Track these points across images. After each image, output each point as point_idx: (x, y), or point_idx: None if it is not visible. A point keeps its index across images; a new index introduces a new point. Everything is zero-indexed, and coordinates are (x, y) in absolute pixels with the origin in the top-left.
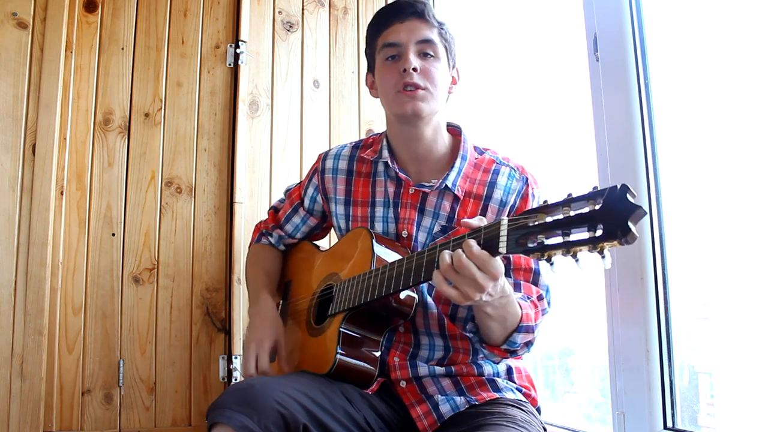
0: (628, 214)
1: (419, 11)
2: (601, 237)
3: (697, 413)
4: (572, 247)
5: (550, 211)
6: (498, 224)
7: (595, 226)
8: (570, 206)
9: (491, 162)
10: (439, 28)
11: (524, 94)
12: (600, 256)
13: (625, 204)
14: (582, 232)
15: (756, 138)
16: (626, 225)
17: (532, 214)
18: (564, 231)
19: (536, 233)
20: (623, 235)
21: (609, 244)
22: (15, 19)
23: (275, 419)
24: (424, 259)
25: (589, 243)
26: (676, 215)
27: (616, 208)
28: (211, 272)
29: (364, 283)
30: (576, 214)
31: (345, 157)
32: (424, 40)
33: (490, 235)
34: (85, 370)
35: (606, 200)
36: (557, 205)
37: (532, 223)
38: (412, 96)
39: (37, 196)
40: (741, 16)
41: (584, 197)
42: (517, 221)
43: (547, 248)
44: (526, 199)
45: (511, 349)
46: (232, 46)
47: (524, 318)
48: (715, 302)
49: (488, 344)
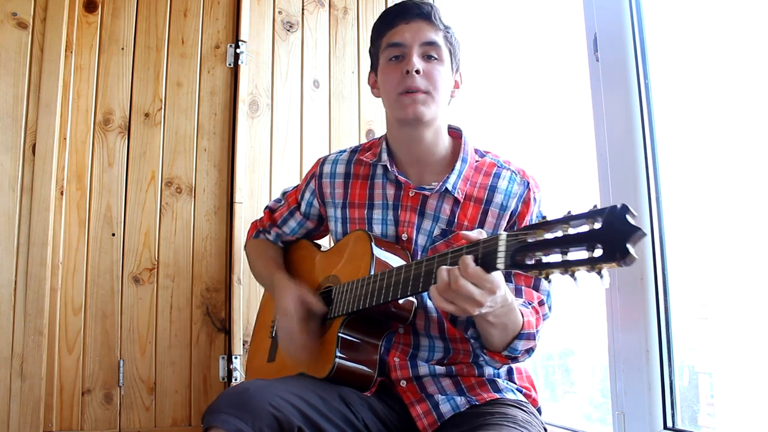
0: (628, 236)
1: (425, 13)
2: (599, 258)
3: (697, 413)
4: (570, 267)
5: (549, 228)
6: (496, 239)
7: (594, 246)
8: (569, 224)
9: (492, 165)
10: (445, 31)
11: (524, 94)
12: (598, 276)
13: (625, 225)
14: (581, 251)
15: (756, 138)
16: (625, 247)
17: (531, 230)
18: (563, 249)
19: (534, 250)
20: (622, 258)
21: (607, 265)
22: (15, 19)
23: (270, 422)
24: (423, 269)
25: (588, 264)
26: (676, 215)
27: (616, 228)
28: (211, 272)
29: (363, 289)
30: (575, 232)
31: (343, 162)
32: (429, 42)
33: (487, 250)
34: (85, 370)
35: (606, 220)
36: (556, 222)
37: (531, 239)
38: (414, 99)
39: (37, 196)
40: (741, 16)
41: (584, 215)
42: (516, 237)
43: (546, 266)
44: (528, 204)
45: (512, 356)
46: (232, 46)
47: (525, 325)
48: (715, 302)
49: (489, 350)
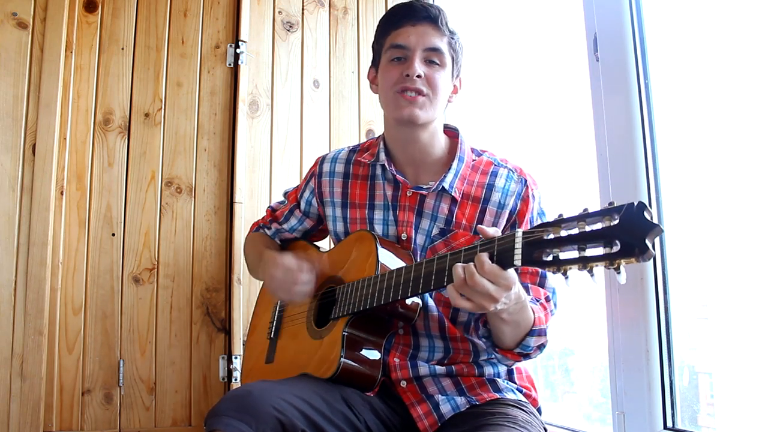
0: (646, 231)
1: (432, 17)
2: (617, 253)
3: (697, 413)
4: (589, 263)
5: (565, 226)
6: (513, 236)
7: (612, 243)
8: (585, 221)
9: (489, 164)
10: (450, 37)
11: (524, 94)
12: (616, 272)
13: (643, 221)
14: (597, 247)
15: (756, 138)
16: (644, 242)
17: (547, 228)
18: (580, 246)
19: (551, 247)
20: (641, 253)
21: (626, 260)
22: (15, 19)
23: (273, 426)
24: (434, 268)
25: (606, 259)
26: (676, 215)
27: (634, 225)
28: (211, 272)
29: (370, 288)
30: (592, 229)
31: (342, 161)
32: (432, 48)
33: (503, 247)
34: (85, 370)
35: (623, 217)
36: (572, 219)
37: (547, 236)
38: (411, 101)
39: (37, 196)
40: (741, 16)
41: (600, 213)
42: (532, 234)
43: (563, 263)
44: (527, 201)
45: (524, 353)
46: (232, 46)
47: (537, 321)
48: (715, 302)
49: (501, 348)
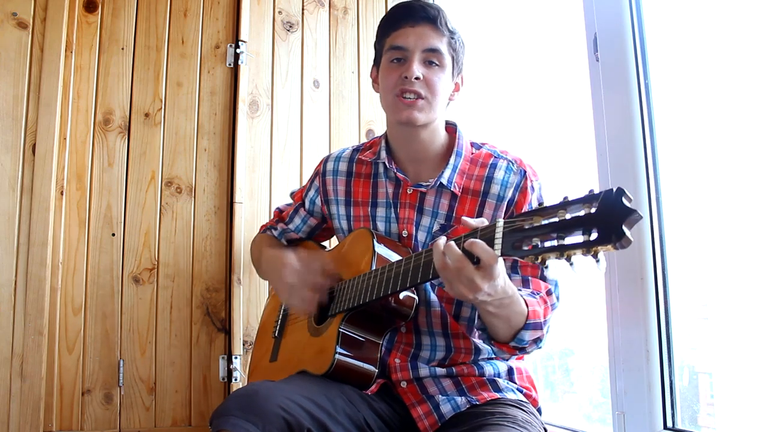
0: (623, 218)
1: (431, 17)
2: (595, 241)
3: (697, 413)
4: (566, 251)
5: (546, 214)
6: (493, 226)
7: (590, 230)
8: (566, 209)
9: (488, 156)
10: (449, 36)
11: (524, 93)
12: (594, 259)
13: (621, 208)
14: (577, 235)
15: (756, 138)
16: (620, 229)
17: (528, 217)
18: (559, 234)
19: (531, 236)
20: (617, 239)
21: (603, 248)
22: (15, 19)
23: (280, 425)
24: (422, 260)
25: (583, 246)
26: (676, 215)
27: (612, 211)
28: (211, 272)
29: (364, 284)
30: (571, 217)
31: (345, 159)
32: (432, 49)
33: (485, 237)
34: (85, 370)
35: (601, 204)
36: (553, 208)
37: (528, 225)
38: (410, 104)
39: (37, 196)
40: (741, 16)
41: (580, 200)
42: (512, 223)
43: (542, 251)
44: (525, 192)
45: (520, 346)
46: (232, 46)
47: (531, 315)
48: (715, 302)
49: (496, 341)
